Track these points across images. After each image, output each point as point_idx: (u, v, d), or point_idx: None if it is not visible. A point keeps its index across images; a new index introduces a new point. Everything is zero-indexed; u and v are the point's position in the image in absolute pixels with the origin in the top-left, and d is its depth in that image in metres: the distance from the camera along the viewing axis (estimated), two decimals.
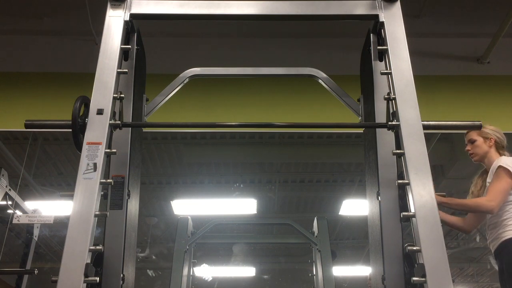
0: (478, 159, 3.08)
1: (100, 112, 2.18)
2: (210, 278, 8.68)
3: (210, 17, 2.64)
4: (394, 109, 2.28)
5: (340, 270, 8.40)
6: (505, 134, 3.15)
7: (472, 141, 3.07)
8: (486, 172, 3.06)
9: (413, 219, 1.98)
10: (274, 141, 6.01)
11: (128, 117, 2.48)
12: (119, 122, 2.31)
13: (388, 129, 2.32)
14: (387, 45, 2.41)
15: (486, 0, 4.33)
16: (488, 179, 2.92)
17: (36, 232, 4.70)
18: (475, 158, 3.08)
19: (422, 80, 2.53)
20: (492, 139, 3.04)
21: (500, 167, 2.83)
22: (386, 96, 2.36)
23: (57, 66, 4.51)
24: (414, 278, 1.90)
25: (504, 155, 3.00)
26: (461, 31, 4.56)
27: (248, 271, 9.33)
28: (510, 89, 4.45)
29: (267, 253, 9.37)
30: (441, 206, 2.65)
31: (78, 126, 2.16)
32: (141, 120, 2.68)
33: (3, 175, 4.35)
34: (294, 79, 3.99)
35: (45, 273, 6.67)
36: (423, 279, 1.81)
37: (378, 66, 2.54)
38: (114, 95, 2.26)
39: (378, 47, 2.54)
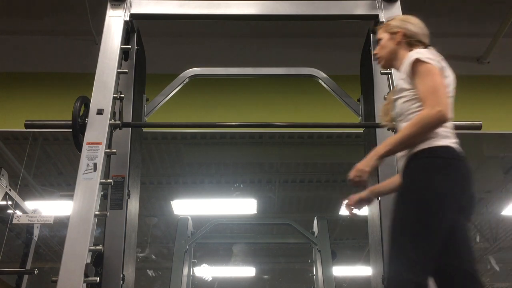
0: (384, 64, 2.17)
1: (100, 112, 2.18)
2: (210, 278, 8.67)
3: (210, 17, 2.65)
4: None
5: (340, 270, 8.39)
6: (505, 134, 3.08)
7: (379, 41, 2.19)
8: None
9: None
10: (274, 141, 6.01)
11: (128, 117, 2.48)
12: (119, 122, 2.31)
13: (388, 129, 2.32)
14: None
15: (486, 0, 4.32)
16: (402, 85, 1.97)
17: (36, 232, 4.70)
18: (381, 62, 2.17)
19: None
20: (399, 33, 2.11)
21: (417, 60, 1.91)
22: (386, 96, 2.36)
23: (57, 66, 4.51)
24: None
25: None
26: (461, 31, 4.55)
27: (248, 271, 9.33)
28: (510, 89, 4.45)
29: (267, 253, 9.36)
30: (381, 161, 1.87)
31: (78, 126, 2.16)
32: (141, 120, 2.68)
33: (3, 175, 4.35)
34: (294, 79, 3.99)
35: (45, 273, 6.67)
36: None
37: (378, 66, 2.54)
38: (114, 95, 2.26)
39: None
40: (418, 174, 1.78)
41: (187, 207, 6.72)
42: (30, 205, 4.92)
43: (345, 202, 2.09)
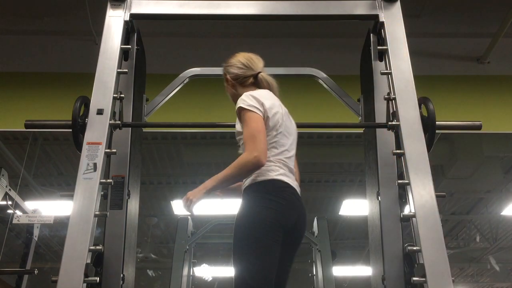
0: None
1: (100, 112, 2.18)
2: (210, 278, 8.67)
3: (210, 17, 2.64)
4: (394, 109, 2.28)
5: (340, 270, 8.39)
6: (505, 134, 3.04)
7: None
8: None
9: (413, 219, 1.98)
10: None
11: (128, 117, 2.48)
12: (119, 122, 2.31)
13: (388, 129, 2.32)
14: (387, 45, 2.42)
15: (486, 0, 4.32)
16: (238, 128, 2.21)
17: (36, 232, 4.70)
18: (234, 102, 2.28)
19: (422, 80, 2.53)
20: (228, 79, 2.34)
21: (240, 108, 2.13)
22: (386, 96, 2.36)
23: (57, 66, 4.51)
24: (414, 278, 1.91)
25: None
26: (461, 31, 4.55)
27: None
28: (510, 89, 4.45)
29: None
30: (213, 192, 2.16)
31: (78, 126, 2.16)
32: (141, 120, 2.68)
33: (3, 175, 4.35)
34: (294, 79, 3.98)
35: (45, 273, 6.68)
36: (423, 279, 1.82)
37: (378, 66, 2.54)
38: (114, 95, 2.26)
39: (378, 47, 2.54)
40: (244, 208, 2.07)
41: None
42: (30, 205, 4.92)
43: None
